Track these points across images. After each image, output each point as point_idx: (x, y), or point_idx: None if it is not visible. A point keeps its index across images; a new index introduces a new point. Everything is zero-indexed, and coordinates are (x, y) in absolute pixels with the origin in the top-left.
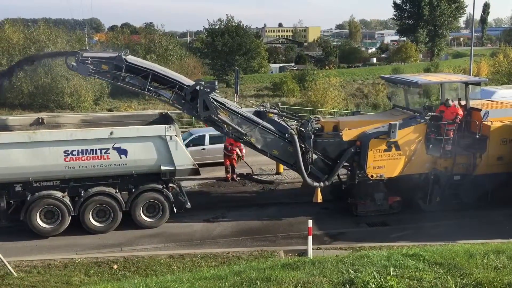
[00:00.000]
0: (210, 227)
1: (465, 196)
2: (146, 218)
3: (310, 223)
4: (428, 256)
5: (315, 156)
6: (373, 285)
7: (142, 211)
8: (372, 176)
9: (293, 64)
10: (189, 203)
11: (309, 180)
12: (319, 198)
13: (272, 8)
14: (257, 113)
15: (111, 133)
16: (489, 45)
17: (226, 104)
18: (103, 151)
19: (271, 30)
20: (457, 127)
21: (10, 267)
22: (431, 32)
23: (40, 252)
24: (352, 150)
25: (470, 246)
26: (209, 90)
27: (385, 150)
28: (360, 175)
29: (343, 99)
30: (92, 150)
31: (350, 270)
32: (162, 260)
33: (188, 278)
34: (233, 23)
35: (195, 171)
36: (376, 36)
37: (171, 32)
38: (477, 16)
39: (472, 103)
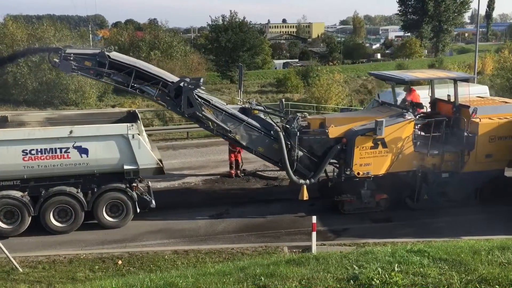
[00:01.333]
0: (214, 223)
1: (453, 194)
2: (109, 218)
3: (314, 219)
4: (432, 252)
5: (301, 153)
6: (378, 281)
7: (105, 211)
8: (358, 173)
9: (297, 60)
10: (154, 203)
11: (294, 177)
12: (305, 196)
13: (275, 4)
14: (243, 110)
15: (71, 131)
16: (494, 41)
17: (210, 101)
18: (63, 150)
19: (275, 26)
20: (445, 124)
21: (15, 263)
22: (436, 27)
23: (45, 248)
24: (338, 147)
25: (474, 243)
26: (193, 86)
27: (371, 147)
28: (346, 173)
29: (347, 95)
30: (51, 149)
31: (355, 266)
32: (166, 256)
33: (192, 274)
34: (237, 19)
35: (160, 170)
36: (380, 32)
37: (175, 28)
38: (482, 12)
39: (462, 100)
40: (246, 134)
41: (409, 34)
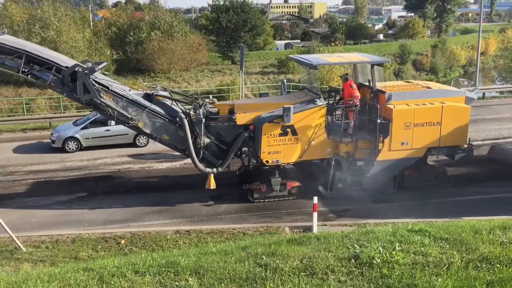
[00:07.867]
0: (216, 204)
1: (369, 183)
2: None
3: (315, 199)
4: (433, 232)
5: (208, 141)
6: (379, 260)
7: None
8: (267, 161)
9: (298, 40)
10: None
11: (200, 166)
12: (212, 185)
13: None
14: (147, 96)
15: None
16: (502, 21)
17: (110, 87)
18: None
19: (277, 6)
20: (359, 110)
21: (18, 242)
22: (439, 7)
23: (48, 228)
24: (246, 134)
25: (476, 222)
26: (88, 71)
27: (280, 135)
28: (254, 161)
29: None
30: None
31: (356, 245)
32: (168, 236)
33: (194, 253)
34: None
35: None
36: (383, 12)
37: (176, 8)
38: None
39: (379, 85)
40: (149, 121)
41: (412, 14)
